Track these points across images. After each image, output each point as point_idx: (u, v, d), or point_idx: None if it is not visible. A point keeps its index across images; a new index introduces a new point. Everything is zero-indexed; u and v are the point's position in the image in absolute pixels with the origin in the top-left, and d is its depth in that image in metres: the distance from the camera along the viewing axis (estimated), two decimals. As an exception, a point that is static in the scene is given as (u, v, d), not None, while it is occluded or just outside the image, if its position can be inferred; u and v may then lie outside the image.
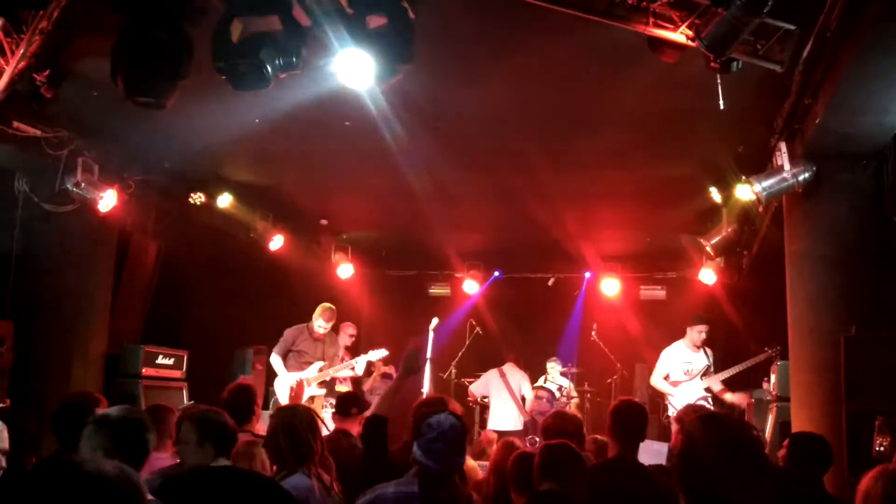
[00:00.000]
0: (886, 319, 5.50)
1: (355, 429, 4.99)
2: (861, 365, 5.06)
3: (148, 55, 3.68)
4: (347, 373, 8.73)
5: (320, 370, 8.25)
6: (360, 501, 3.16)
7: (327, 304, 8.44)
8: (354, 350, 9.29)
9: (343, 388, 8.90)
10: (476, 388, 10.10)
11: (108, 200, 7.11)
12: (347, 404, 5.48)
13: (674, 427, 6.23)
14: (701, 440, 2.15)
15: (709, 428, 2.18)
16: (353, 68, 4.19)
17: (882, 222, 5.73)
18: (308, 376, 8.18)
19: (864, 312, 5.46)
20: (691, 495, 2.13)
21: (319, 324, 8.30)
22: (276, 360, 8.27)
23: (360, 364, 8.60)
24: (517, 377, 9.95)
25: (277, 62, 3.68)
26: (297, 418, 3.77)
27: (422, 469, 3.08)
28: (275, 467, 3.75)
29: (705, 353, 8.48)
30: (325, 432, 4.45)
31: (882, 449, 4.38)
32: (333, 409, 5.69)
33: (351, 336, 9.29)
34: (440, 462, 3.06)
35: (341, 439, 5.01)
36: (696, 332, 8.35)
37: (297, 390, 8.08)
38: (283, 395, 8.09)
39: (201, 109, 6.22)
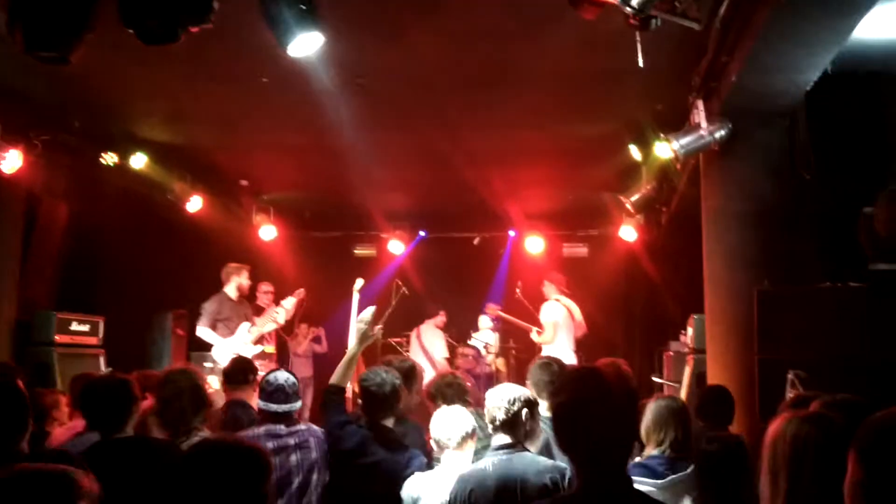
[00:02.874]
0: (797, 274, 5.71)
1: (253, 398, 4.64)
2: (773, 318, 5.23)
3: (49, 6, 3.47)
4: (272, 326, 8.55)
5: (249, 331, 8.13)
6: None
7: (235, 264, 8.37)
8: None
9: (270, 348, 8.82)
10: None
11: (12, 161, 6.76)
12: (242, 371, 4.97)
13: None
14: (576, 393, 2.12)
15: (582, 380, 2.16)
16: (269, 23, 4.07)
17: (794, 179, 5.92)
18: (245, 339, 8.06)
19: (776, 267, 5.65)
20: (571, 452, 2.11)
21: (241, 283, 8.22)
22: (204, 332, 8.11)
23: (280, 314, 8.44)
24: (430, 336, 10.06)
25: (187, 14, 3.52)
26: (197, 379, 3.72)
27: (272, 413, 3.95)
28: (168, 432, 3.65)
29: None
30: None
31: (789, 400, 4.55)
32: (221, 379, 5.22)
33: (266, 293, 9.15)
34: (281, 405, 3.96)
35: (238, 412, 4.66)
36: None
37: None
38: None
39: (112, 65, 5.96)
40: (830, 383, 4.83)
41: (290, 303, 8.49)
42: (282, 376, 4.04)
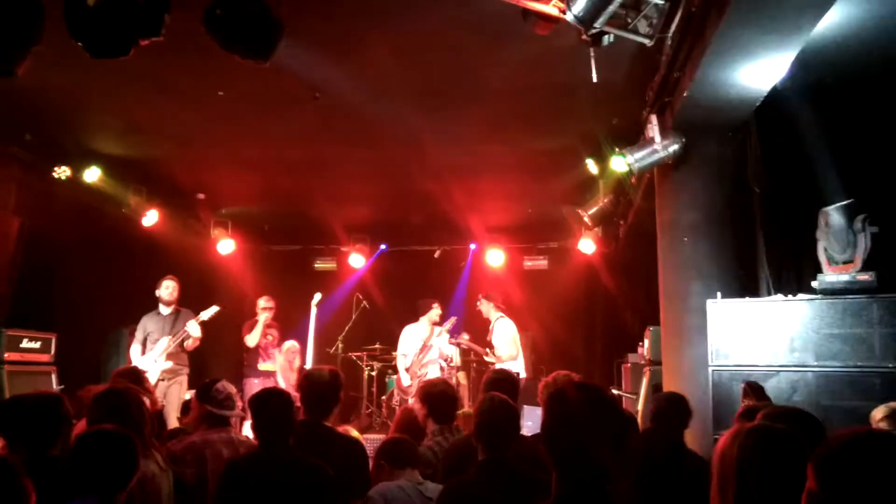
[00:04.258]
0: (748, 285, 5.81)
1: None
2: (725, 328, 5.32)
3: (-7, 18, 3.41)
4: (189, 341, 8.05)
5: (167, 346, 7.92)
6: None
7: (167, 275, 8.22)
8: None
9: (269, 366, 8.75)
10: None
11: (-40, 176, 6.63)
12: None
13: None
14: (569, 405, 2.16)
15: (577, 393, 2.19)
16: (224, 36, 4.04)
17: (745, 192, 6.02)
18: (155, 356, 7.88)
19: (728, 279, 5.74)
20: (561, 465, 2.14)
21: (160, 294, 8.08)
22: (134, 349, 7.98)
23: (193, 328, 7.97)
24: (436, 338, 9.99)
25: (137, 27, 3.48)
26: (121, 402, 3.55)
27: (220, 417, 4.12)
28: None
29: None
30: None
31: (741, 411, 4.61)
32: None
33: (265, 309, 9.04)
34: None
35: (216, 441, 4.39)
36: None
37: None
38: None
39: (64, 78, 5.88)
40: (782, 394, 4.94)
41: (207, 314, 8.09)
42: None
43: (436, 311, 9.40)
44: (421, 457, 3.98)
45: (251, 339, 8.91)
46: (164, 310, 8.13)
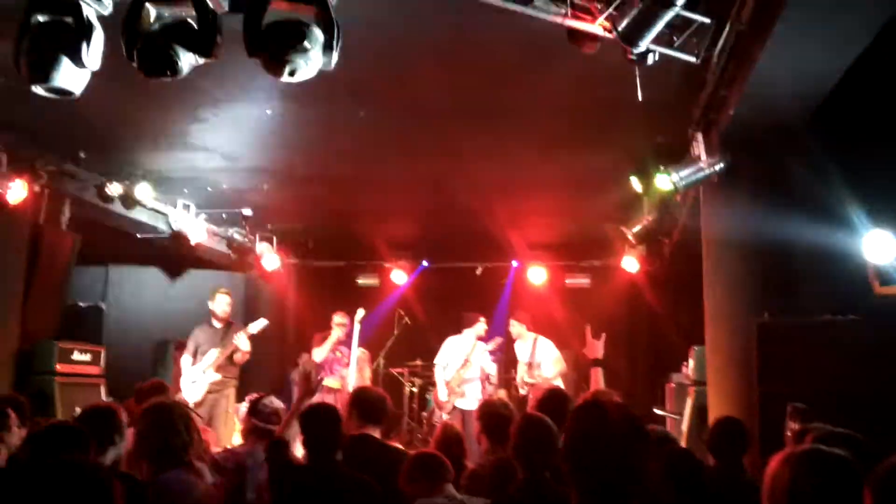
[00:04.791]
0: (796, 305, 5.71)
1: None
2: (773, 350, 5.23)
3: (54, 40, 3.52)
4: (238, 355, 8.17)
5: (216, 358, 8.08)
6: None
7: (219, 286, 8.35)
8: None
9: (334, 382, 8.85)
10: None
11: (17, 192, 6.83)
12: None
13: None
14: (590, 423, 2.13)
15: (598, 411, 2.17)
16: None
17: (791, 211, 5.92)
18: (203, 367, 8.01)
19: (775, 299, 5.65)
20: (580, 483, 2.11)
21: (212, 309, 8.22)
22: (185, 359, 8.15)
23: (242, 341, 8.09)
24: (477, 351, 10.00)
25: (191, 49, 3.57)
26: (166, 416, 3.61)
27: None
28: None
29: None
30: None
31: (791, 434, 4.53)
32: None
33: (339, 325, 9.01)
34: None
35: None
36: None
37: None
38: (185, 393, 7.92)
39: (116, 96, 6.03)
40: (831, 416, 4.83)
41: (256, 327, 8.22)
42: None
43: (481, 326, 9.38)
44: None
45: (319, 354, 8.93)
46: (216, 323, 8.28)
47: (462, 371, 9.19)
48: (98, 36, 3.65)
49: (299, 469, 3.65)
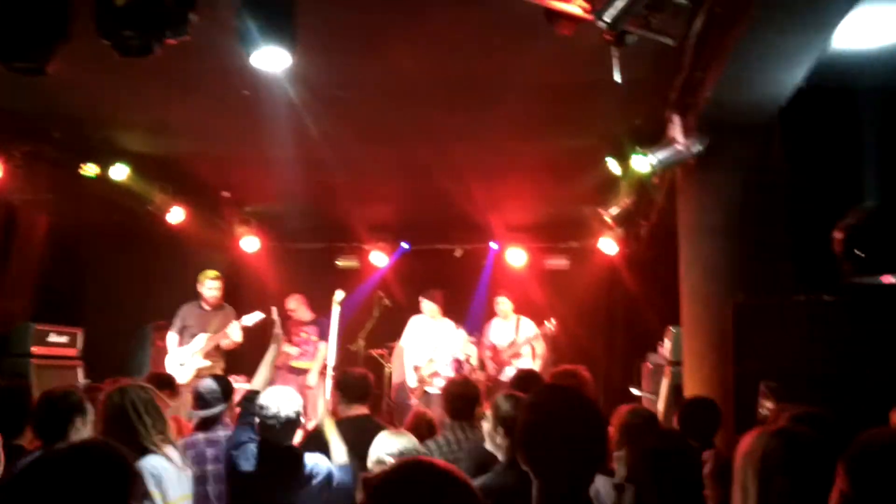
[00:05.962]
0: (771, 286, 5.77)
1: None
2: (748, 330, 5.29)
3: (23, 17, 3.47)
4: (227, 341, 8.20)
5: (203, 343, 8.06)
6: None
7: (209, 271, 8.30)
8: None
9: (303, 363, 8.90)
10: None
11: (-10, 172, 6.75)
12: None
13: None
14: (543, 409, 2.14)
15: (550, 395, 2.18)
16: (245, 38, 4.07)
17: (767, 193, 5.97)
18: (193, 350, 7.98)
19: (751, 280, 5.71)
20: (538, 471, 2.11)
21: (201, 292, 8.18)
22: (170, 337, 8.10)
23: (234, 332, 8.14)
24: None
25: (164, 27, 3.53)
26: (118, 402, 3.53)
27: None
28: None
29: None
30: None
31: (765, 412, 4.59)
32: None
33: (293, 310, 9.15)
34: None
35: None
36: None
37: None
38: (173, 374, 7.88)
39: (92, 76, 5.96)
40: (805, 396, 4.90)
41: (251, 320, 8.22)
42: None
43: (428, 304, 9.49)
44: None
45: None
46: (206, 306, 8.24)
47: (431, 365, 9.27)
48: (65, 10, 3.60)
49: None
